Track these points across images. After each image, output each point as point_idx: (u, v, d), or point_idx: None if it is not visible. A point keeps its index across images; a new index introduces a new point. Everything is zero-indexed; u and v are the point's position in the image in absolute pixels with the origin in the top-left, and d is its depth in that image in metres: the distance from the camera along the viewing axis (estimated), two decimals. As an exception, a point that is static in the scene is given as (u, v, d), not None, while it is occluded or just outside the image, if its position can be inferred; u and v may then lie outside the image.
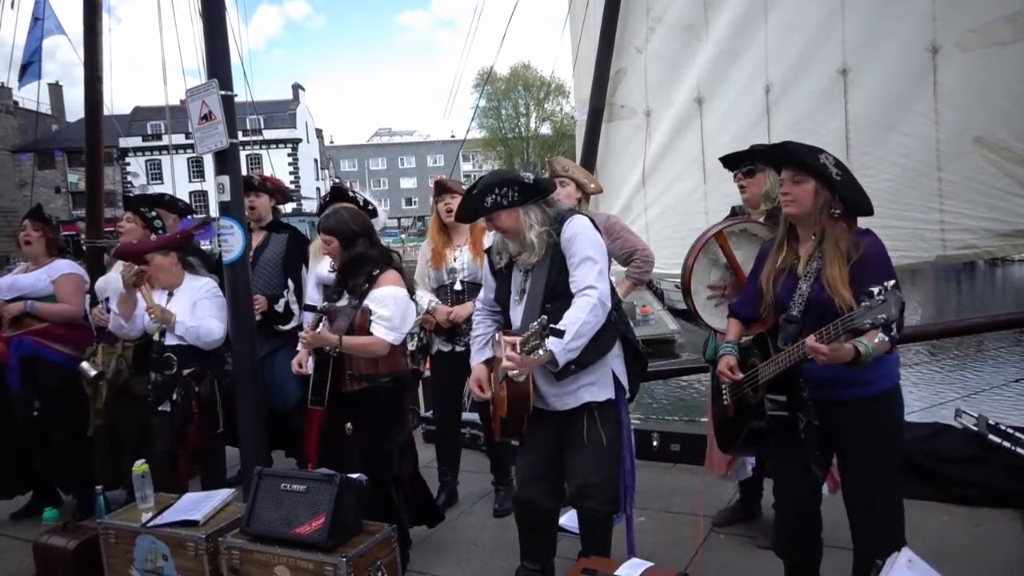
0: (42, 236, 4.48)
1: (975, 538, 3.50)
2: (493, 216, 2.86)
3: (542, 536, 3.13)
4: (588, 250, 2.79)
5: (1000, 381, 8.44)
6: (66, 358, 4.36)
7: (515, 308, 2.95)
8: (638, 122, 5.61)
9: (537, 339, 2.48)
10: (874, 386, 2.47)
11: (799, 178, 2.48)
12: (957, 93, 4.32)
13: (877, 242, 2.45)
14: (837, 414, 2.48)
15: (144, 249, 4.01)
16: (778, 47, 4.88)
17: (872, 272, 2.33)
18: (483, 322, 3.18)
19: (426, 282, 4.24)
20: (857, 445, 2.50)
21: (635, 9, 5.49)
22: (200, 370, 3.91)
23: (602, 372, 2.90)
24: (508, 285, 2.99)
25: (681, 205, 5.33)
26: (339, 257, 3.43)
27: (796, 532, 2.68)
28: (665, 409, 11.13)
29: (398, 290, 3.39)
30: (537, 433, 2.95)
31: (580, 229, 2.84)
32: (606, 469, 2.93)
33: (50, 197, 46.42)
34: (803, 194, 2.47)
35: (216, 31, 3.75)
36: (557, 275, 2.82)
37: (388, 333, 3.31)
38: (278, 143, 50.59)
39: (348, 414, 3.39)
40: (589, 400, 2.87)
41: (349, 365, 3.33)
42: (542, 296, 2.82)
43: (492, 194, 2.82)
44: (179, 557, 3.19)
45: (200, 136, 3.74)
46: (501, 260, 2.99)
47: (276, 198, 4.64)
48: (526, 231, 2.83)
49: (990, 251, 4.50)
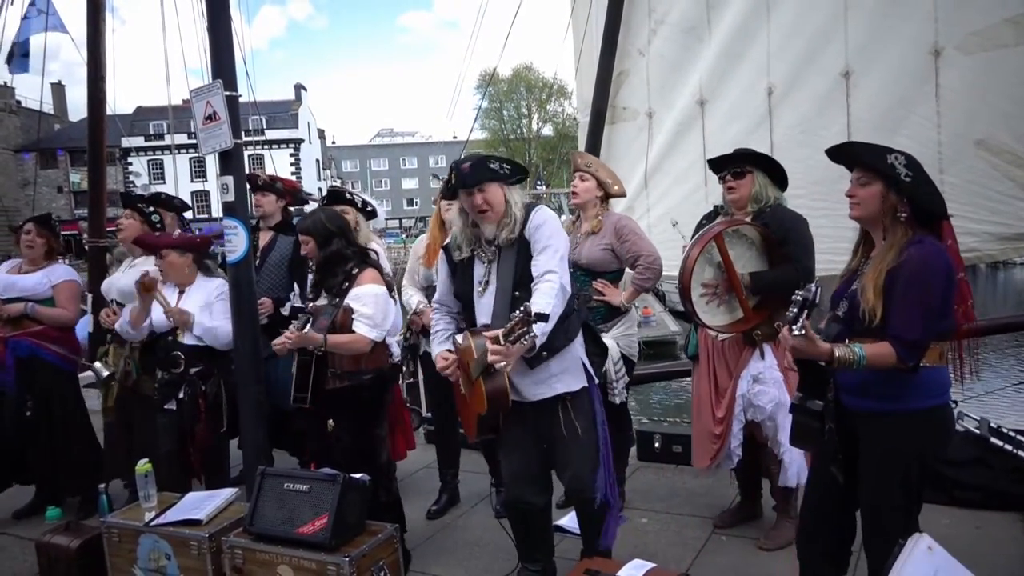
0: (45, 243, 4.55)
1: (976, 541, 3.50)
2: (486, 187, 2.85)
3: (538, 536, 3.14)
4: (552, 237, 2.84)
5: (1002, 384, 8.43)
6: (61, 359, 4.43)
7: (479, 300, 2.95)
8: (640, 124, 5.61)
9: (523, 327, 2.48)
10: (899, 403, 2.33)
11: (865, 180, 2.38)
12: (959, 96, 4.32)
13: (925, 254, 2.26)
14: (858, 423, 2.41)
15: (163, 243, 4.07)
16: (780, 49, 4.88)
17: (904, 281, 2.24)
18: (442, 319, 3.17)
19: (416, 279, 4.24)
20: (870, 458, 2.40)
21: (637, 11, 5.50)
22: (207, 369, 3.93)
23: (571, 360, 2.93)
24: (470, 278, 2.99)
25: (683, 206, 5.33)
26: (316, 257, 3.46)
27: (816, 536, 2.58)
28: (667, 411, 11.14)
29: (378, 288, 3.43)
30: (514, 430, 2.98)
31: (547, 217, 2.91)
32: (589, 458, 2.95)
33: (52, 196, 46.56)
34: (868, 197, 2.37)
35: (220, 32, 3.76)
36: (525, 263, 2.85)
37: (370, 330, 3.35)
38: (280, 143, 50.64)
39: (330, 412, 3.41)
40: (563, 391, 2.90)
41: (332, 363, 3.35)
42: (512, 284, 2.84)
43: (493, 163, 2.87)
44: (182, 556, 3.20)
45: (204, 136, 3.75)
46: (462, 253, 2.99)
47: (286, 199, 4.64)
48: (512, 206, 2.88)
49: (992, 255, 4.50)
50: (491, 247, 2.94)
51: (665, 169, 5.49)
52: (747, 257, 3.46)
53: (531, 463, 3.03)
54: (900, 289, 2.23)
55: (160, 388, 3.98)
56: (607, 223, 3.88)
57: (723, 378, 3.58)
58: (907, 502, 2.38)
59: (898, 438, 2.34)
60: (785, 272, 3.36)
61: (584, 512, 3.05)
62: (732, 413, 3.52)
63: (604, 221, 3.88)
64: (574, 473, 2.94)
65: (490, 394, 2.78)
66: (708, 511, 4.03)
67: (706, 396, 3.65)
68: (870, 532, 2.45)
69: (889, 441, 2.35)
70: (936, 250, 2.29)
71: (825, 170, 3.34)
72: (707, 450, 3.65)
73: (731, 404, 3.52)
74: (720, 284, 3.44)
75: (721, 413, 3.56)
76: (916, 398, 2.34)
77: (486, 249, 2.95)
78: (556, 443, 2.96)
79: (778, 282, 3.35)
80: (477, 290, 2.96)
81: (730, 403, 3.52)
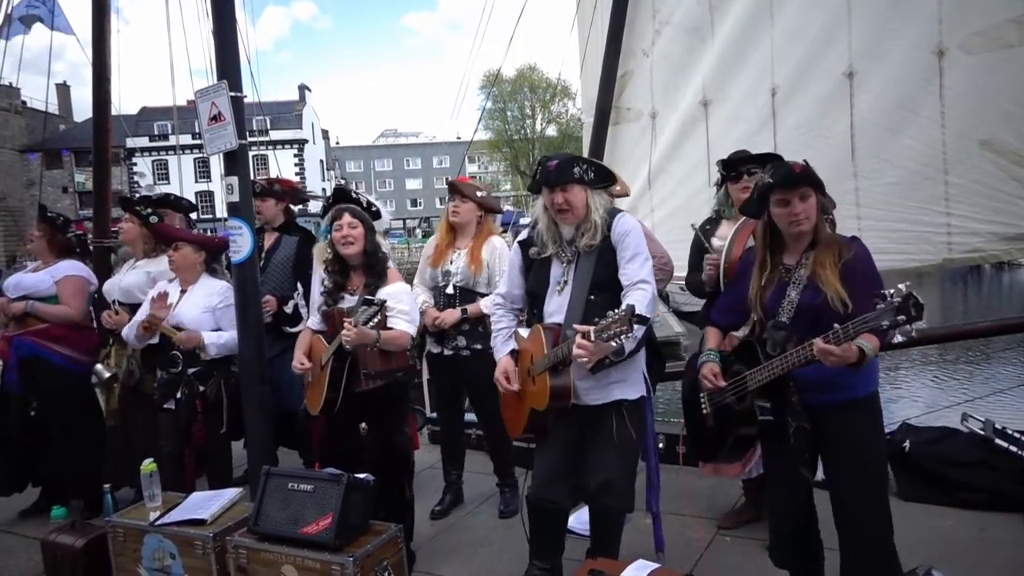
0: (42, 236, 4.53)
1: (980, 542, 3.49)
2: (569, 188, 2.85)
3: (554, 535, 3.14)
4: (641, 245, 2.87)
5: (1007, 385, 8.42)
6: (64, 359, 4.38)
7: (552, 299, 2.96)
8: (644, 124, 5.61)
9: (623, 326, 2.47)
10: (858, 390, 2.49)
11: (807, 193, 2.44)
12: (963, 96, 4.31)
13: (865, 249, 2.48)
14: (824, 418, 2.48)
15: (181, 236, 4.10)
16: (784, 50, 4.87)
17: (862, 272, 2.35)
18: (504, 316, 3.18)
19: (424, 279, 4.26)
20: (842, 448, 2.51)
21: (642, 12, 5.49)
22: (206, 370, 3.93)
23: (632, 370, 2.94)
24: (546, 277, 3.00)
25: (687, 207, 5.33)
26: (364, 245, 3.43)
27: (792, 539, 2.67)
28: (670, 411, 11.12)
29: (406, 284, 3.50)
30: (559, 430, 2.96)
31: (634, 225, 2.93)
32: (627, 468, 2.97)
33: (57, 197, 46.63)
34: (811, 208, 2.45)
35: (225, 33, 3.77)
36: (605, 267, 2.86)
37: (409, 326, 3.38)
38: (284, 144, 50.69)
39: (361, 414, 3.40)
40: (620, 398, 2.90)
41: (364, 364, 3.33)
42: (588, 287, 2.84)
43: (578, 166, 2.88)
44: (186, 556, 3.21)
45: (209, 137, 3.76)
46: (543, 252, 2.99)
47: (285, 200, 4.64)
48: (592, 211, 2.88)
49: (996, 255, 4.49)
50: (571, 248, 2.94)
51: (669, 170, 5.48)
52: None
53: (568, 465, 3.02)
54: (860, 281, 2.31)
55: (159, 388, 4.00)
56: None
57: None
58: (882, 484, 2.54)
59: (863, 423, 2.49)
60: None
61: (601, 517, 3.04)
62: None
63: None
64: (607, 479, 2.92)
65: (554, 390, 2.79)
66: (712, 512, 4.02)
67: None
68: (850, 524, 2.52)
69: (857, 428, 2.48)
70: (866, 246, 2.48)
71: (828, 171, 3.32)
72: None
73: None
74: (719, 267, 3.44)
75: None
76: (867, 384, 2.50)
77: (566, 249, 2.96)
78: (599, 448, 2.94)
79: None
80: (554, 289, 2.96)
81: None
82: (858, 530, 2.50)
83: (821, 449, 2.56)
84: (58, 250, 4.55)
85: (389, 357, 3.38)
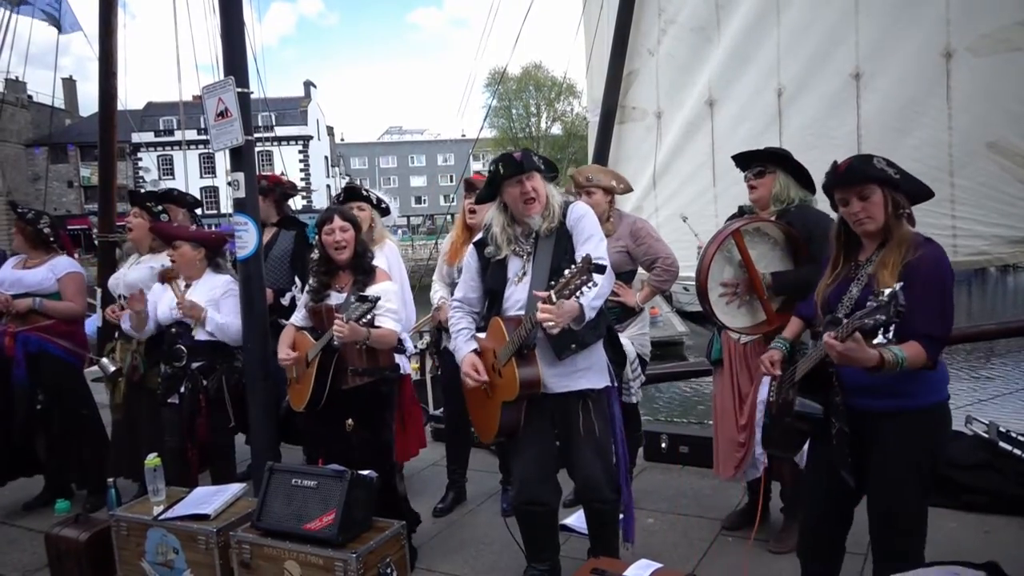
0: (17, 232, 4.56)
1: (984, 545, 3.48)
2: (534, 176, 2.93)
3: (547, 535, 3.14)
4: (596, 228, 2.97)
5: (1011, 388, 8.40)
6: (69, 353, 4.46)
7: (511, 290, 2.99)
8: (649, 124, 5.61)
9: (581, 276, 2.49)
10: (911, 400, 2.34)
11: (866, 192, 2.36)
12: (970, 98, 4.29)
13: (939, 254, 2.33)
14: (868, 423, 2.38)
15: (178, 234, 4.12)
16: (790, 50, 4.86)
17: (923, 275, 2.24)
18: (464, 318, 3.19)
19: (442, 275, 4.26)
20: (883, 459, 2.38)
21: (647, 11, 5.49)
22: (209, 364, 3.94)
23: (596, 358, 2.98)
24: (504, 273, 3.02)
25: (691, 207, 5.33)
26: (353, 247, 3.45)
27: (820, 539, 2.62)
28: (674, 411, 11.13)
29: (393, 284, 3.54)
30: (531, 429, 2.98)
31: (587, 211, 3.04)
32: (605, 460, 2.99)
33: (63, 191, 46.78)
34: (875, 207, 2.35)
35: (233, 29, 3.78)
36: (563, 252, 2.90)
37: (397, 324, 3.41)
38: (289, 140, 50.70)
39: (347, 411, 3.41)
40: (587, 387, 2.94)
41: (351, 361, 3.35)
42: (548, 272, 2.86)
43: (536, 156, 2.99)
44: (190, 551, 3.22)
45: (216, 133, 3.77)
46: (499, 251, 3.01)
47: (272, 195, 4.60)
48: (551, 198, 2.97)
49: (1001, 258, 4.47)
50: (529, 240, 2.98)
51: (674, 170, 5.48)
52: (770, 257, 3.35)
53: (546, 463, 3.04)
54: (920, 287, 2.21)
55: (163, 382, 4.01)
56: (621, 225, 3.87)
57: (744, 384, 3.51)
58: (921, 500, 2.40)
59: (911, 436, 2.34)
60: (810, 272, 3.09)
61: (595, 514, 3.06)
62: (754, 419, 3.41)
63: (617, 223, 3.88)
64: (588, 475, 2.96)
65: (523, 376, 2.80)
66: (715, 512, 4.02)
67: (729, 404, 3.57)
68: (884, 534, 2.44)
69: (903, 440, 2.35)
70: (943, 251, 2.35)
71: (834, 172, 3.32)
72: (731, 459, 3.59)
73: (753, 410, 3.42)
74: (740, 284, 3.31)
75: (744, 420, 3.48)
76: (926, 394, 2.36)
77: (524, 244, 2.99)
78: (572, 442, 2.98)
79: (801, 282, 3.12)
80: (514, 280, 3.00)
81: (752, 409, 3.43)
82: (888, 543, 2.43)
83: (864, 455, 2.44)
84: (33, 243, 4.53)
85: (375, 355, 3.40)
